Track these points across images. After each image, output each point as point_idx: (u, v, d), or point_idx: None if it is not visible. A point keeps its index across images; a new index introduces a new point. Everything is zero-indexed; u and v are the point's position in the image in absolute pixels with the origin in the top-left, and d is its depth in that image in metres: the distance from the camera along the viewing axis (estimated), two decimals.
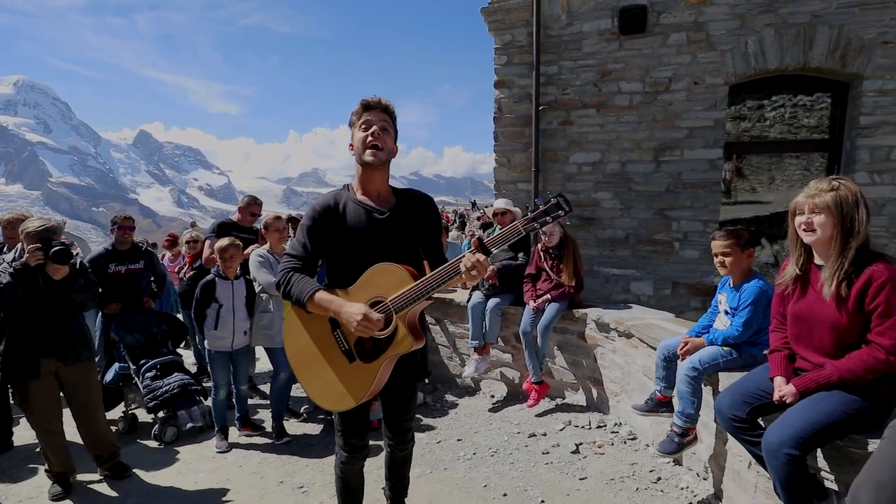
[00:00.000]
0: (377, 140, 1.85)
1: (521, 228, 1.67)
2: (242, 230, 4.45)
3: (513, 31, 6.00)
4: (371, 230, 1.90)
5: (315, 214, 1.93)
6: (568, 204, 1.67)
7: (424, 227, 2.01)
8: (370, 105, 1.89)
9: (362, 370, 1.84)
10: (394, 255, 1.86)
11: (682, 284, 5.72)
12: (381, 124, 1.87)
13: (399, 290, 1.76)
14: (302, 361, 1.97)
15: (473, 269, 1.66)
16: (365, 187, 1.97)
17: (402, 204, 1.99)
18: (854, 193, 1.92)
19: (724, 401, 2.17)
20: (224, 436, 3.75)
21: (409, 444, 2.28)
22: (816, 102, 5.64)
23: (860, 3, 4.94)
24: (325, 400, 1.96)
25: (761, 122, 5.84)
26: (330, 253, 1.97)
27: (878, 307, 1.85)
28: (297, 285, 1.87)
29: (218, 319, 3.69)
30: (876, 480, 1.57)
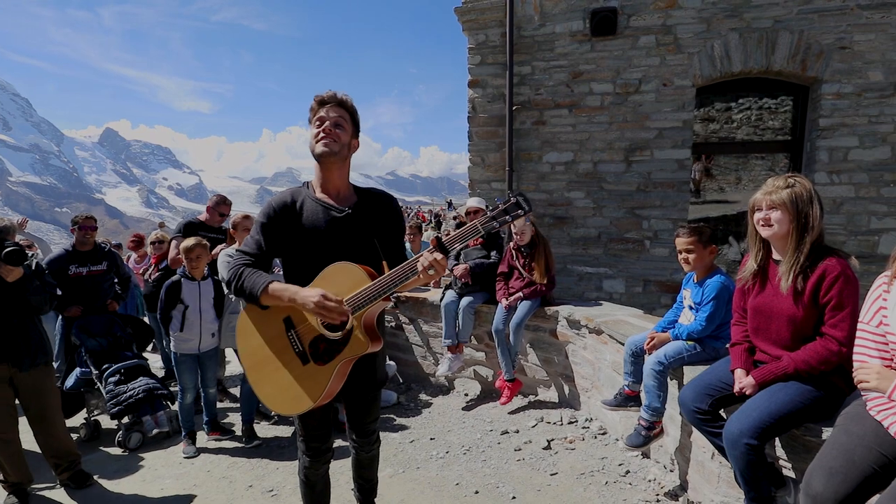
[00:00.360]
0: (328, 134, 1.80)
1: (480, 227, 1.62)
2: (210, 230, 4.36)
3: (486, 31, 6.03)
4: (328, 229, 1.85)
5: (271, 211, 1.87)
6: (528, 203, 1.64)
7: (385, 226, 1.96)
8: (324, 100, 1.84)
9: (317, 372, 1.78)
10: (352, 255, 1.81)
11: (652, 282, 5.84)
12: (334, 119, 1.82)
13: (356, 290, 1.71)
14: (255, 364, 1.90)
15: (431, 268, 1.61)
16: (324, 185, 1.91)
17: (363, 203, 1.94)
18: (808, 190, 1.98)
19: (687, 394, 2.22)
20: (192, 440, 3.67)
21: (374, 445, 2.24)
22: (780, 105, 5.81)
23: (819, 9, 5.12)
24: (278, 404, 1.87)
25: (729, 124, 5.99)
26: (286, 252, 1.91)
27: (832, 300, 1.91)
28: (249, 279, 1.80)
29: (184, 321, 3.61)
30: (828, 466, 1.62)
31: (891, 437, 1.60)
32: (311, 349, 1.81)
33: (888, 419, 1.62)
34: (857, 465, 1.58)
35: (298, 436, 2.07)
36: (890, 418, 1.61)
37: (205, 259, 3.66)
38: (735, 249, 6.19)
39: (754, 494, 1.96)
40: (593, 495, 2.72)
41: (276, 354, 1.85)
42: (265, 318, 1.88)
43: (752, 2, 5.27)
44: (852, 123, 5.16)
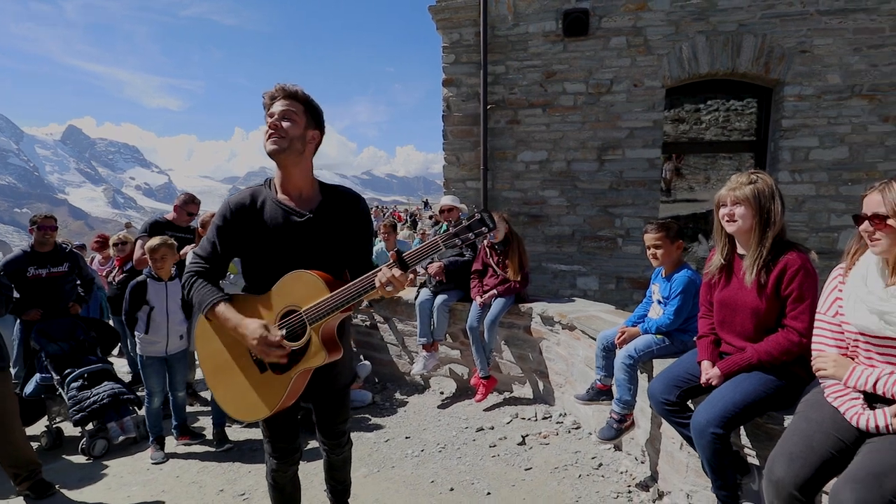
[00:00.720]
0: (276, 130, 1.69)
1: (441, 244, 1.57)
2: (178, 229, 4.25)
3: (460, 30, 6.05)
4: (289, 235, 1.76)
5: (227, 213, 1.78)
6: (492, 220, 1.59)
7: (350, 230, 1.86)
8: (273, 95, 1.75)
9: (273, 381, 1.75)
10: (313, 262, 1.75)
11: (625, 279, 5.94)
12: (282, 112, 1.71)
13: (314, 300, 1.66)
14: (213, 368, 1.87)
15: (389, 284, 1.57)
16: (284, 184, 1.81)
17: (327, 205, 1.83)
18: (770, 186, 2.04)
19: (656, 386, 2.26)
20: (160, 446, 3.57)
21: (345, 448, 2.18)
22: (746, 107, 5.99)
23: (781, 14, 5.28)
24: (235, 409, 1.83)
25: (698, 125, 6.14)
26: (244, 254, 1.84)
27: (793, 293, 1.98)
28: (198, 293, 1.75)
29: (149, 323, 3.50)
30: (789, 452, 1.67)
31: (847, 422, 1.66)
32: None
33: (844, 405, 1.68)
34: (816, 450, 1.64)
35: (264, 437, 2.01)
36: (846, 404, 1.68)
37: (171, 259, 3.56)
38: (704, 247, 6.34)
39: (721, 482, 2.01)
40: (567, 489, 2.75)
41: (234, 360, 1.82)
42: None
43: (718, 5, 5.41)
44: (813, 124, 5.34)
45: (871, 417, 1.60)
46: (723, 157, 6.13)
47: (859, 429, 1.62)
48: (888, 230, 1.56)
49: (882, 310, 1.57)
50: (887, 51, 5.09)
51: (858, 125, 5.23)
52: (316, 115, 1.80)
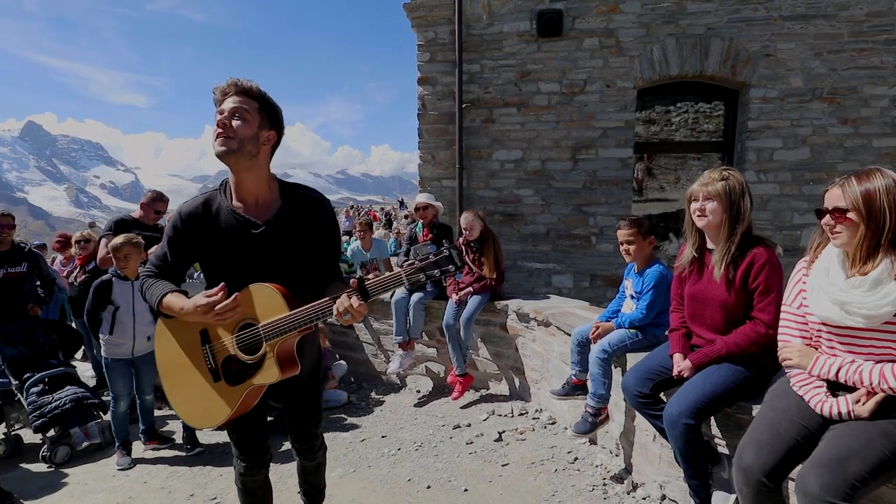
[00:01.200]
0: (224, 128, 1.57)
1: (405, 277, 1.51)
2: (145, 228, 4.12)
3: (435, 29, 6.05)
4: (245, 246, 1.67)
5: (178, 223, 1.69)
6: (460, 259, 1.53)
7: (313, 237, 1.74)
8: (224, 90, 1.61)
9: (227, 391, 1.69)
10: (273, 273, 1.67)
11: (599, 276, 6.03)
12: (232, 110, 1.58)
13: (272, 316, 1.60)
14: (169, 370, 1.81)
15: (347, 313, 1.49)
16: (238, 190, 1.69)
17: (287, 211, 1.70)
18: (740, 183, 2.10)
19: (630, 379, 2.30)
20: (126, 451, 3.45)
21: (318, 453, 2.08)
22: (714, 109, 6.15)
23: (746, 19, 5.44)
24: (187, 414, 1.81)
25: (668, 126, 6.28)
26: (202, 262, 1.77)
27: (759, 286, 2.03)
28: (149, 291, 1.70)
29: (115, 323, 3.39)
30: (757, 440, 1.72)
31: (811, 410, 1.71)
32: (223, 368, 1.71)
33: (808, 393, 1.73)
34: (783, 437, 1.69)
35: (231, 441, 1.93)
36: (810, 392, 1.73)
37: (136, 258, 3.44)
38: (675, 245, 6.48)
39: (692, 471, 2.06)
40: (543, 483, 2.77)
41: (190, 365, 1.76)
42: (184, 326, 1.77)
43: (687, 9, 5.54)
44: (777, 126, 5.52)
45: (834, 404, 1.65)
46: (692, 157, 6.28)
47: (823, 416, 1.68)
48: (848, 223, 1.61)
49: (843, 300, 1.62)
50: (845, 56, 5.29)
51: (819, 127, 5.43)
52: (272, 114, 1.68)
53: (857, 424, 1.59)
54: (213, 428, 1.76)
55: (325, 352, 4.56)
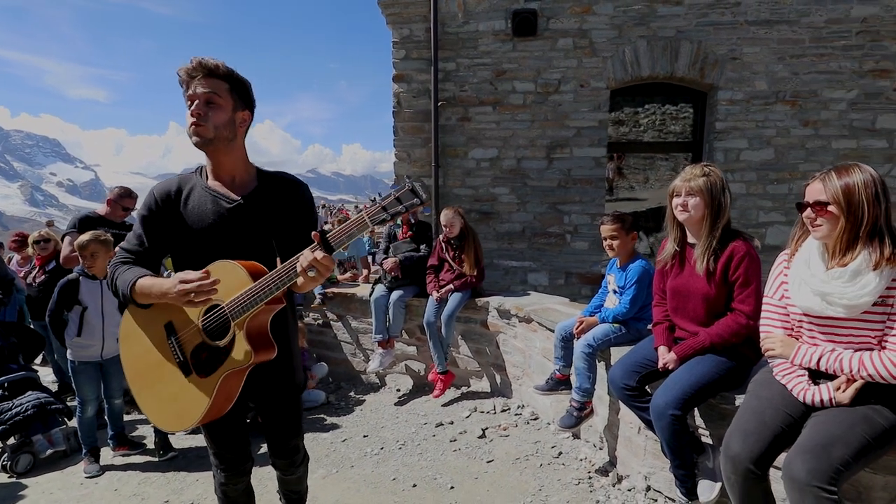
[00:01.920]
0: (198, 118, 1.52)
1: (368, 219, 1.39)
2: (112, 225, 3.95)
3: (410, 26, 6.02)
4: (216, 221, 1.61)
5: (152, 202, 1.63)
6: (425, 190, 1.42)
7: (288, 218, 1.68)
8: (190, 72, 1.52)
9: (199, 385, 1.56)
10: (245, 252, 1.59)
11: (573, 274, 6.11)
12: (203, 96, 1.52)
13: (237, 292, 1.49)
14: (136, 374, 1.70)
15: (311, 268, 1.37)
16: (216, 171, 1.66)
17: (263, 190, 1.67)
18: (721, 179, 2.15)
19: (616, 372, 2.34)
20: (94, 458, 3.30)
21: (299, 468, 1.96)
22: (681, 111, 6.31)
23: (714, 23, 5.60)
24: (161, 419, 1.66)
25: (637, 128, 6.41)
26: (174, 247, 1.68)
27: (739, 278, 2.09)
28: (120, 279, 1.59)
29: (82, 324, 3.23)
30: (743, 429, 1.76)
31: (794, 398, 1.77)
32: (193, 359, 1.59)
33: (791, 382, 1.79)
34: (768, 425, 1.74)
35: (209, 448, 1.83)
36: (793, 381, 1.79)
37: (103, 256, 3.29)
38: (644, 244, 6.63)
39: (679, 462, 2.10)
40: (529, 478, 2.78)
41: (158, 364, 1.64)
42: (147, 323, 1.68)
43: (658, 12, 5.67)
44: (743, 127, 5.70)
45: (817, 392, 1.71)
46: (660, 158, 6.43)
47: (806, 403, 1.74)
48: (829, 216, 1.67)
49: (824, 291, 1.68)
50: (806, 60, 5.51)
51: (782, 129, 5.64)
52: (243, 93, 1.63)
53: (839, 411, 1.65)
54: (188, 430, 1.64)
55: (304, 352, 4.47)
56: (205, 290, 1.44)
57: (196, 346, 1.59)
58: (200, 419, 1.55)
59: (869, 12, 5.29)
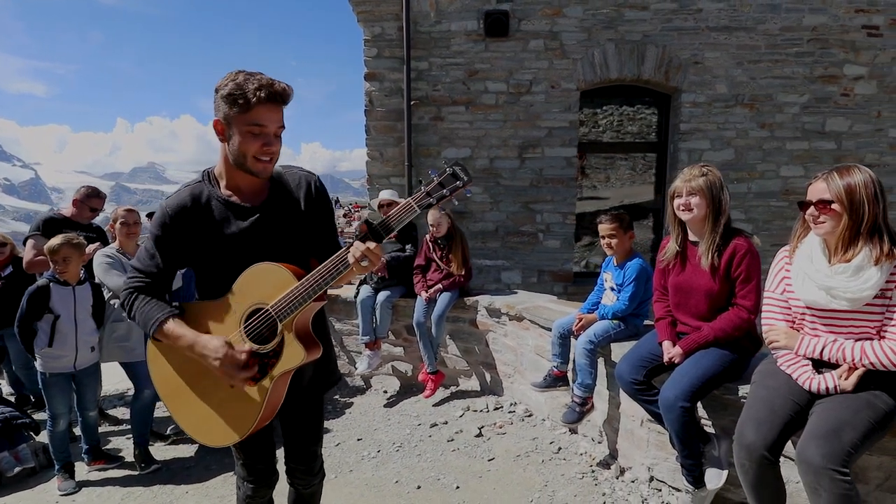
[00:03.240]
0: (272, 153, 1.47)
1: (416, 206, 1.39)
2: (79, 227, 3.71)
3: (382, 24, 5.97)
4: (242, 235, 1.55)
5: (166, 219, 1.53)
6: (466, 173, 1.43)
7: (308, 214, 1.64)
8: (263, 98, 1.39)
9: (247, 394, 1.51)
10: (276, 257, 1.54)
11: (546, 272, 6.23)
12: (276, 130, 1.46)
13: (281, 292, 1.46)
14: (172, 393, 1.61)
15: (364, 259, 1.38)
16: (230, 179, 1.57)
17: (278, 192, 1.61)
18: (719, 178, 2.25)
19: (624, 367, 2.40)
20: (69, 474, 3.09)
21: (317, 475, 1.87)
22: (637, 113, 6.54)
23: (678, 28, 5.84)
24: (206, 436, 1.59)
25: (596, 128, 6.60)
26: (194, 263, 1.61)
27: (741, 274, 2.20)
28: (140, 312, 1.52)
29: (54, 334, 3.02)
30: (756, 418, 1.85)
31: (799, 387, 1.88)
32: None
33: (796, 372, 1.90)
34: (778, 413, 1.84)
35: (237, 460, 1.75)
36: (798, 371, 1.90)
37: (76, 260, 3.09)
38: None
39: (688, 451, 2.18)
40: (533, 474, 2.82)
41: (196, 378, 1.57)
42: None
43: (625, 16, 5.85)
44: (705, 129, 5.97)
45: (822, 380, 1.82)
46: (620, 158, 6.63)
47: (811, 391, 1.85)
48: (832, 214, 1.78)
49: (829, 285, 1.79)
50: (763, 66, 5.83)
51: (741, 130, 5.94)
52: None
53: (843, 398, 1.77)
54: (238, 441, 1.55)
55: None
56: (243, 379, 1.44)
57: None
58: (253, 428, 1.50)
59: (819, 21, 5.66)
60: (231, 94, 1.39)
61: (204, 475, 3.12)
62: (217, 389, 1.55)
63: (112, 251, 3.35)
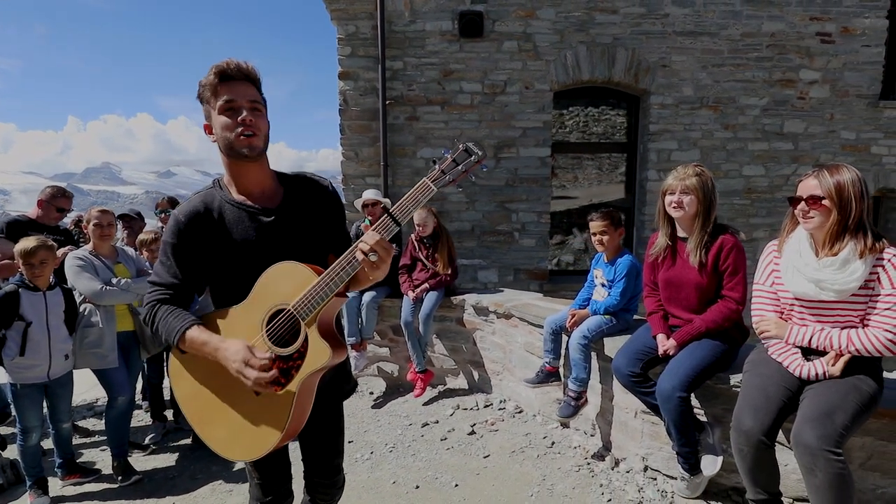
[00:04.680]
0: (250, 125, 1.43)
1: (431, 184, 1.37)
2: (45, 230, 3.51)
3: (357, 23, 5.92)
4: (258, 238, 1.52)
5: (180, 226, 1.49)
6: (480, 147, 1.40)
7: (323, 219, 1.63)
8: (228, 74, 1.42)
9: (274, 401, 1.45)
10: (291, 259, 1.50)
11: (522, 270, 6.32)
12: (250, 104, 1.43)
13: (302, 290, 1.42)
14: (197, 408, 1.55)
15: (373, 251, 1.32)
16: (241, 183, 1.54)
17: (292, 196, 1.60)
18: (710, 178, 2.35)
19: (621, 361, 2.47)
20: (42, 490, 2.92)
21: (340, 490, 1.82)
22: (602, 114, 6.72)
23: (646, 32, 6.02)
24: (235, 450, 1.51)
25: (563, 129, 6.73)
26: (210, 271, 1.56)
27: (729, 268, 2.30)
28: (163, 322, 1.48)
29: (25, 342, 2.85)
30: (752, 405, 1.94)
31: (790, 374, 1.98)
32: None
33: (787, 360, 2.00)
34: (773, 399, 1.93)
35: (251, 479, 1.69)
36: (788, 359, 2.00)
37: (51, 264, 2.94)
38: (579, 240, 7.00)
39: (684, 440, 2.27)
40: (530, 469, 2.85)
41: (221, 389, 1.51)
42: None
43: (596, 20, 5.99)
44: (672, 130, 6.18)
45: (811, 367, 1.93)
46: (587, 158, 6.79)
47: (801, 378, 1.95)
48: (822, 209, 1.89)
49: (817, 278, 1.90)
50: (726, 69, 6.09)
51: (707, 132, 6.18)
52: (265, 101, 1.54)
53: (832, 383, 1.88)
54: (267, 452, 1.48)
55: None
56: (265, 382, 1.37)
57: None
58: (281, 438, 1.44)
59: (777, 28, 5.95)
60: (200, 92, 1.46)
61: (190, 485, 3.01)
62: (243, 401, 1.49)
63: (84, 253, 3.20)
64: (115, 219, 3.36)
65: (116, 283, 3.21)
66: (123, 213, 4.23)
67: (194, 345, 1.44)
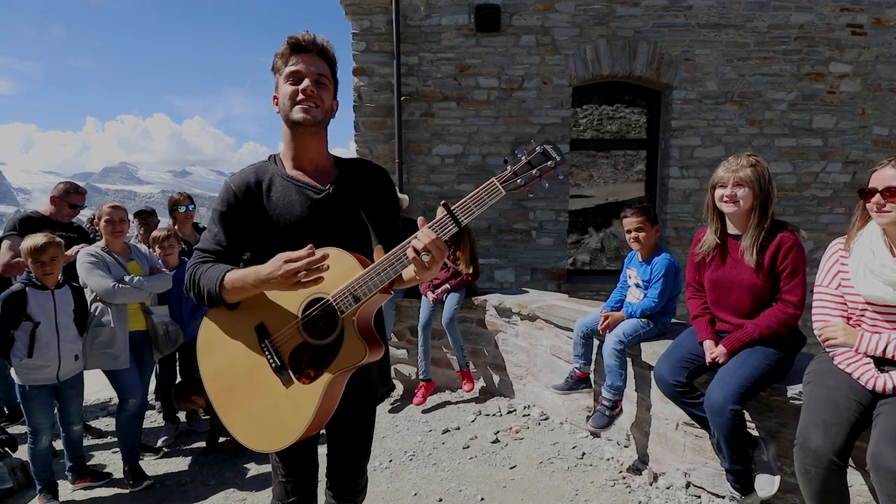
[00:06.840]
0: (310, 97, 1.42)
1: (500, 186, 1.27)
2: (59, 227, 3.40)
3: (371, 18, 5.79)
4: (306, 214, 1.48)
5: (230, 197, 1.48)
6: (558, 152, 1.32)
7: (376, 206, 1.58)
8: (302, 46, 1.43)
9: (301, 393, 1.38)
10: (339, 242, 1.42)
11: (539, 270, 6.15)
12: (314, 76, 1.43)
13: (344, 281, 1.34)
14: (221, 389, 1.47)
15: (426, 251, 1.23)
16: (297, 158, 1.53)
17: (347, 178, 1.55)
18: (767, 169, 2.16)
19: (664, 368, 2.29)
20: (52, 494, 2.81)
21: (362, 493, 1.74)
22: (617, 112, 6.53)
23: (668, 24, 5.83)
24: (253, 439, 1.44)
25: (577, 127, 6.56)
26: (255, 245, 1.52)
27: (787, 268, 2.12)
28: (205, 277, 1.43)
29: (33, 343, 2.73)
30: (821, 420, 1.76)
31: (861, 386, 1.80)
32: (292, 362, 1.40)
33: (858, 370, 1.82)
34: (844, 415, 1.75)
35: (277, 477, 1.60)
36: (860, 370, 1.82)
37: (61, 262, 2.83)
38: (595, 239, 6.82)
39: (737, 457, 2.08)
40: (561, 482, 2.69)
41: (248, 373, 1.43)
42: (234, 327, 1.46)
43: (617, 12, 5.81)
44: (696, 125, 5.98)
45: (888, 380, 1.74)
46: (601, 156, 6.61)
47: (874, 391, 1.77)
48: None
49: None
50: (752, 63, 5.88)
51: (731, 127, 5.98)
52: (337, 81, 1.54)
53: None
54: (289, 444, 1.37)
55: None
56: (314, 266, 1.26)
57: (295, 348, 1.40)
58: (304, 431, 1.35)
59: (805, 19, 5.73)
60: (273, 62, 1.48)
61: (202, 492, 2.88)
62: (269, 389, 1.42)
63: (96, 250, 3.09)
64: (126, 215, 3.24)
65: (129, 280, 3.09)
66: (140, 210, 4.13)
67: (235, 284, 1.38)
